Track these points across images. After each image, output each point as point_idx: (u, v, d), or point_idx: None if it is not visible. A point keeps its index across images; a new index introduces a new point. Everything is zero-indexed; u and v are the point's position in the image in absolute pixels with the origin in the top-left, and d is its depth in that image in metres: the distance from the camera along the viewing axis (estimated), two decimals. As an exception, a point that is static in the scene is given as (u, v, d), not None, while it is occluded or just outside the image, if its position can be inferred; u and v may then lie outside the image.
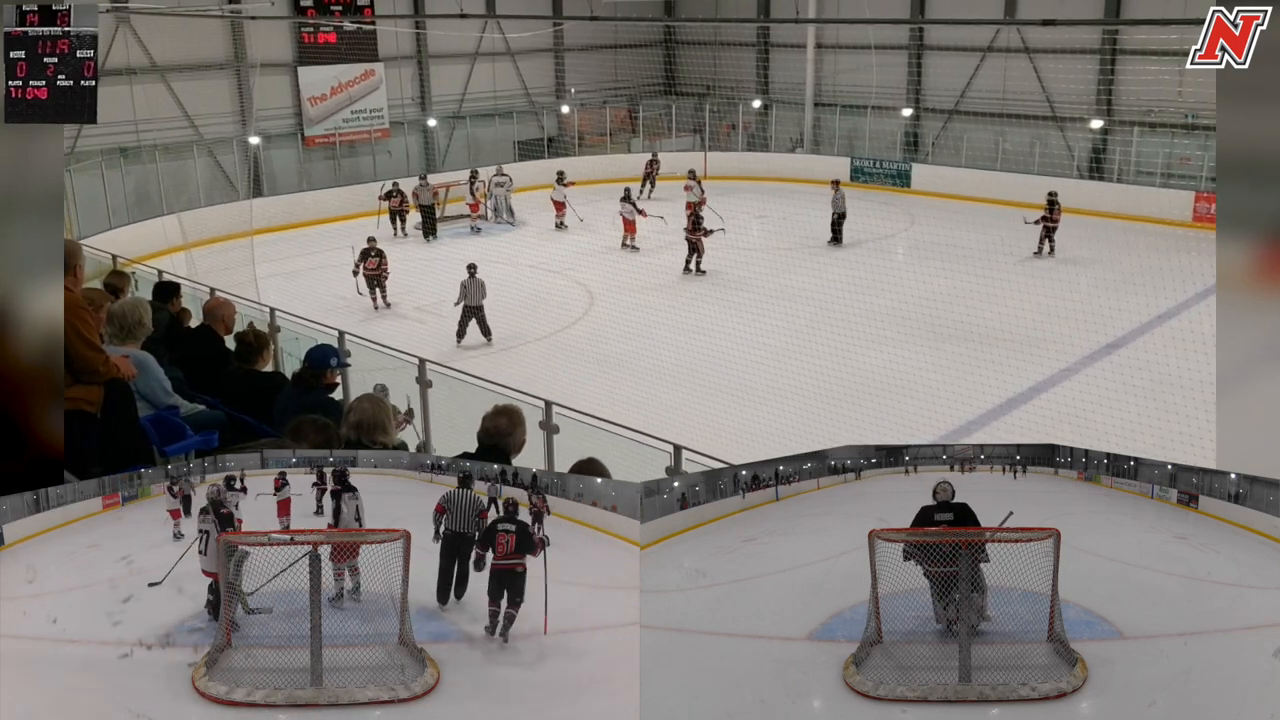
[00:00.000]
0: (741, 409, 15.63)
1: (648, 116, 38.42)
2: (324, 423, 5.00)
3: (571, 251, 24.11)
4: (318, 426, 4.93)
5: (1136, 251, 20.19)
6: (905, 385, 16.28)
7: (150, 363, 6.41)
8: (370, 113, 33.56)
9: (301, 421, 5.07)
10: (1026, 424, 14.94)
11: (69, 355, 5.18)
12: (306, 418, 5.13)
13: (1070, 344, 17.49)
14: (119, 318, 6.71)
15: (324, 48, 32.18)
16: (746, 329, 18.07)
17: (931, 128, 34.44)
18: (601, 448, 8.42)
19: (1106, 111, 30.10)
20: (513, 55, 36.46)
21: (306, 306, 17.67)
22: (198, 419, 6.44)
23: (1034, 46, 31.29)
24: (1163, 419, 12.55)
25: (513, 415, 5.13)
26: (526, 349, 18.84)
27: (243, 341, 7.91)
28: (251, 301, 13.71)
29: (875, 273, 21.86)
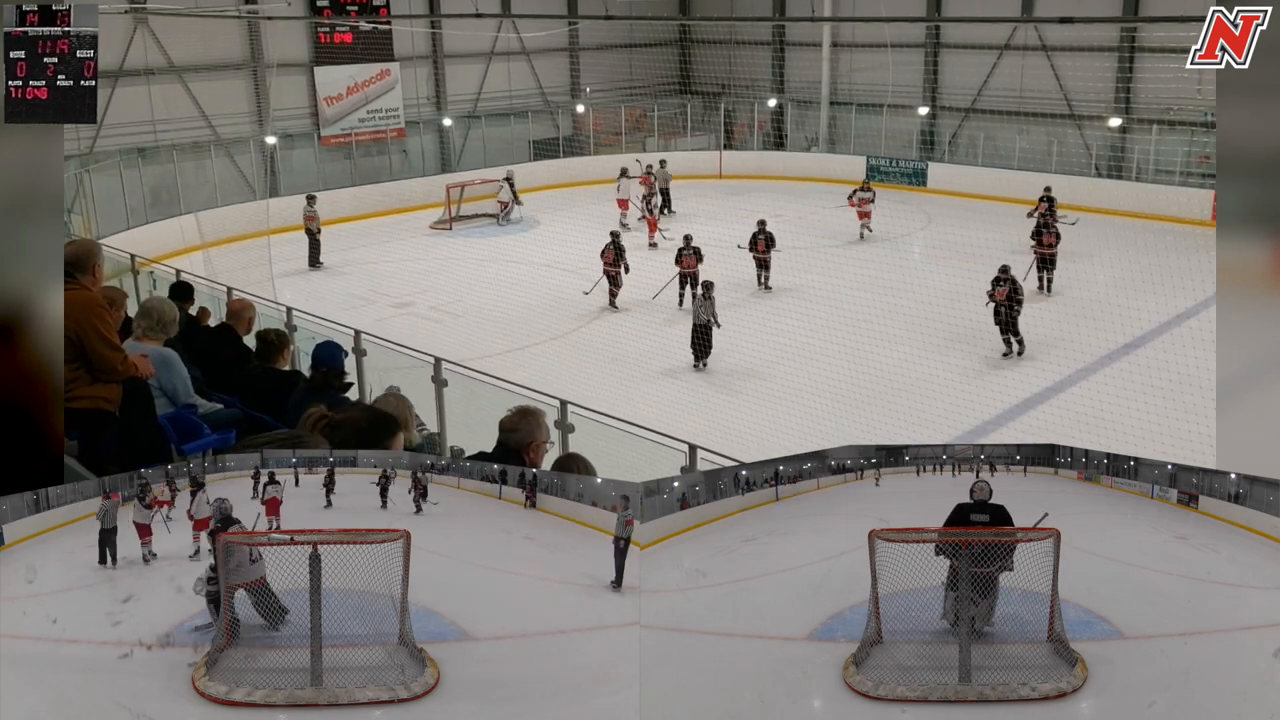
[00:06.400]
0: (757, 408, 15.63)
1: (663, 116, 38.40)
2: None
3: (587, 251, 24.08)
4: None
5: (1155, 251, 20.04)
6: (922, 386, 16.25)
7: (174, 360, 6.45)
8: (386, 112, 33.67)
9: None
10: (1043, 425, 14.90)
11: (88, 354, 5.23)
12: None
13: (1088, 344, 17.42)
14: (155, 312, 6.75)
15: (340, 48, 32.31)
16: (762, 328, 18.06)
17: (948, 126, 34.36)
18: (617, 447, 8.45)
19: (1125, 110, 29.95)
20: (528, 55, 36.51)
21: (323, 306, 17.76)
22: (215, 418, 6.47)
23: (1051, 44, 31.16)
24: (1182, 420, 12.46)
25: (531, 416, 5.14)
26: (542, 348, 18.86)
27: (263, 340, 7.96)
28: (268, 301, 13.76)
29: (891, 272, 21.83)
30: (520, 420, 5.07)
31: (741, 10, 38.40)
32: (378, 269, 25.32)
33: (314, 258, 25.52)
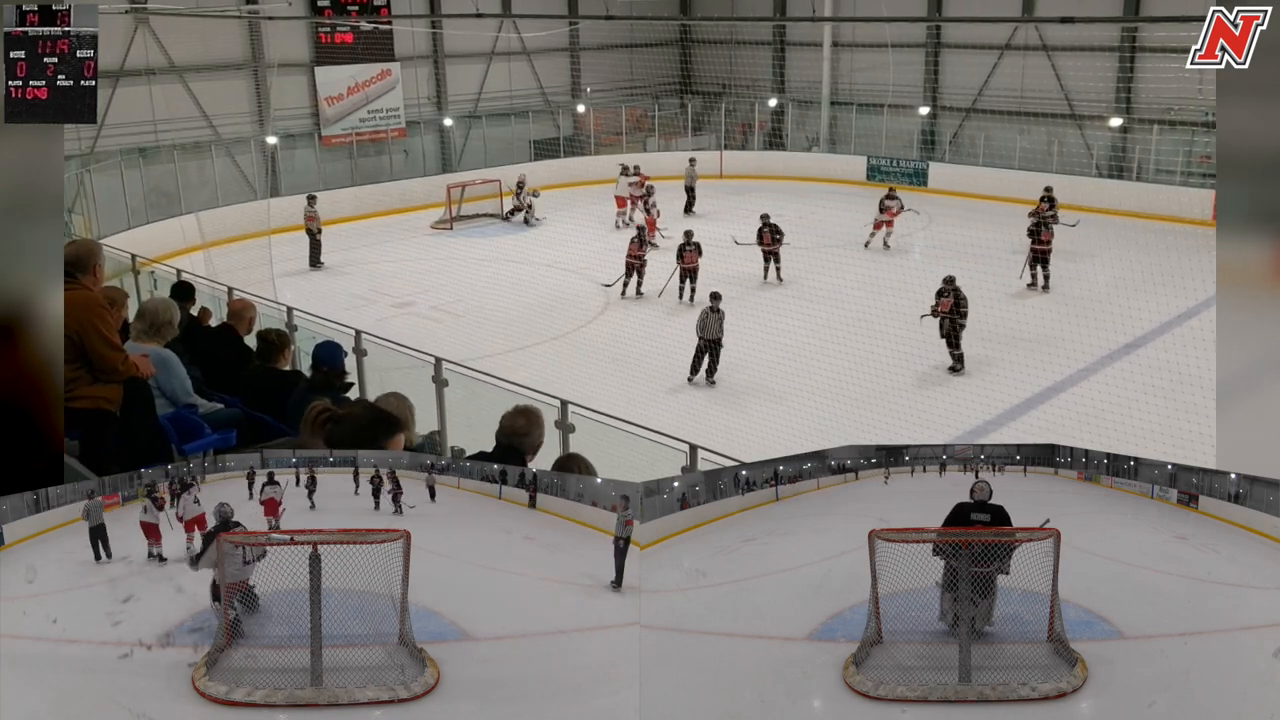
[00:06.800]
0: (757, 409, 15.63)
1: (663, 116, 38.40)
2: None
3: (587, 251, 24.10)
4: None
5: (1156, 251, 20.05)
6: (922, 385, 16.25)
7: (173, 361, 6.45)
8: (387, 112, 33.65)
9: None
10: (1044, 424, 14.88)
11: (89, 353, 5.23)
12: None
13: (1088, 344, 17.41)
14: (150, 314, 6.76)
15: (341, 48, 32.30)
16: (762, 328, 18.05)
17: (949, 126, 34.33)
18: (617, 447, 8.45)
19: (1125, 110, 29.93)
20: (528, 55, 36.50)
21: (324, 306, 17.76)
22: (216, 417, 6.48)
23: (1052, 44, 31.14)
24: (1183, 419, 12.44)
25: (530, 415, 5.15)
26: (542, 348, 18.85)
27: (264, 340, 7.96)
28: (269, 301, 13.76)
29: (892, 272, 21.82)
30: (529, 425, 5.09)
31: (742, 10, 38.41)
32: (378, 269, 25.31)
33: (315, 258, 25.47)
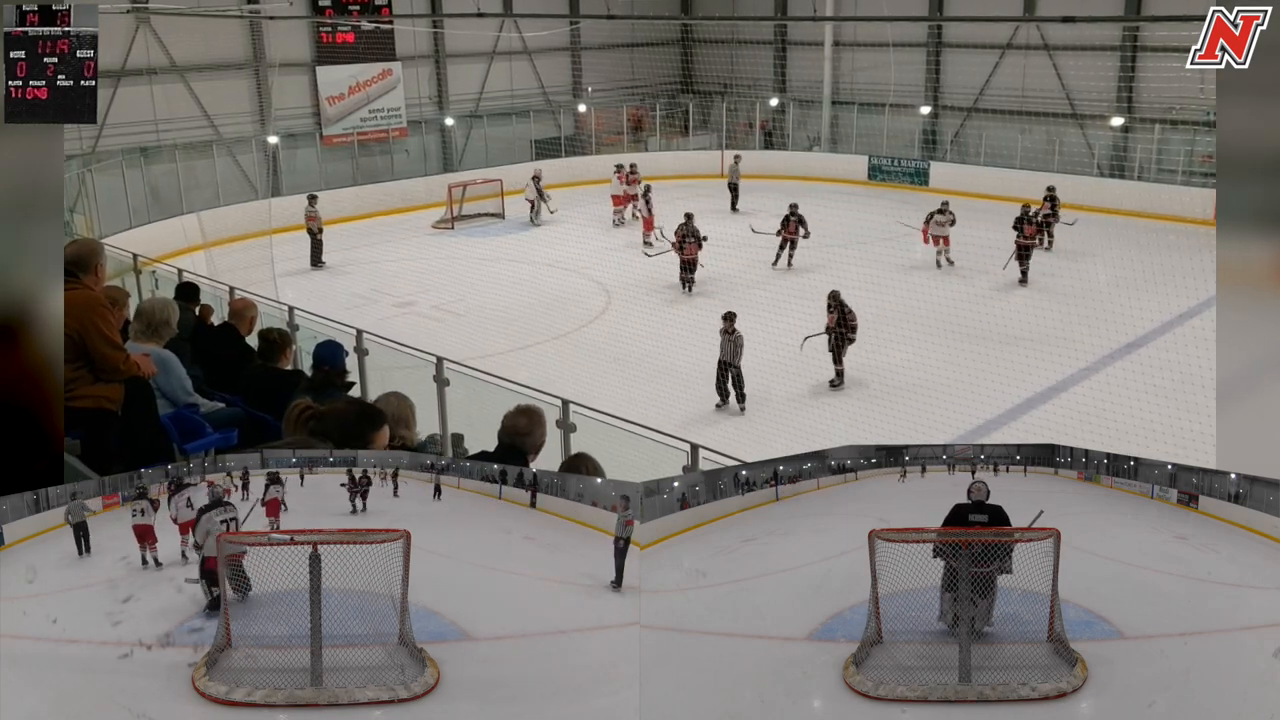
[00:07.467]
0: (758, 409, 15.62)
1: (664, 116, 38.40)
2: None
3: (588, 250, 24.12)
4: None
5: (1157, 250, 20.04)
6: (923, 386, 16.23)
7: (172, 361, 6.45)
8: (388, 112, 33.66)
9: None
10: (1043, 425, 14.88)
11: (90, 353, 5.24)
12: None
13: (1090, 343, 17.41)
14: (147, 315, 6.76)
15: (342, 47, 32.31)
16: (763, 328, 18.04)
17: (950, 126, 34.32)
18: (618, 447, 8.44)
19: (1127, 109, 29.92)
20: (530, 54, 36.50)
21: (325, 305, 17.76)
22: (217, 417, 6.49)
23: (1054, 44, 31.13)
24: (1183, 419, 12.44)
25: (532, 415, 5.15)
26: (544, 348, 18.86)
27: (265, 340, 7.95)
28: (270, 300, 13.77)
29: (892, 272, 21.82)
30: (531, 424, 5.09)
31: (743, 10, 38.40)
32: (380, 268, 25.32)
33: (316, 258, 25.46)
